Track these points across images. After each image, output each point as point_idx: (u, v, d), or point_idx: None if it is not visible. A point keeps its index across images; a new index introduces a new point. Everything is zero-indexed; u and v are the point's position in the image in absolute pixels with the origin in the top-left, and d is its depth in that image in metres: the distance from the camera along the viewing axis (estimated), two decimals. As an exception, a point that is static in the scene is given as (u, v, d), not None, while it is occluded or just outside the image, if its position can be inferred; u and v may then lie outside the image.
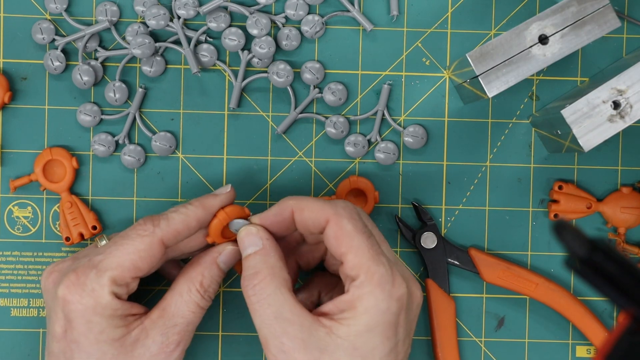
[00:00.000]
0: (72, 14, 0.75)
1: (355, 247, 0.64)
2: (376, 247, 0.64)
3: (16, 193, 0.75)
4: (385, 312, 0.63)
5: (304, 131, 0.76)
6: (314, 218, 0.65)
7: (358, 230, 0.64)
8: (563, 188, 0.76)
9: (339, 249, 0.64)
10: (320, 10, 0.76)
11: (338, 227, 0.64)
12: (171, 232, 0.66)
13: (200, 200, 0.68)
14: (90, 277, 0.65)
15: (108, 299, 0.65)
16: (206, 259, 0.68)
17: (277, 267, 0.65)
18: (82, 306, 0.64)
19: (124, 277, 0.65)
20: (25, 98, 0.75)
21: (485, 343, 0.77)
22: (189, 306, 0.67)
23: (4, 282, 0.76)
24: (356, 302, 0.63)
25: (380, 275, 0.63)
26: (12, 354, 0.75)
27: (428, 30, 0.76)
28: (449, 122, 0.77)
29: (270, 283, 0.64)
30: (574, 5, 0.68)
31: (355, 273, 0.63)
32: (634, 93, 0.66)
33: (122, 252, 0.65)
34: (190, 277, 0.67)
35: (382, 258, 0.64)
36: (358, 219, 0.65)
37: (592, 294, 0.77)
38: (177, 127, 0.76)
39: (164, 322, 0.66)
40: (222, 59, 0.76)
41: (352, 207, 0.66)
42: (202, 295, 0.67)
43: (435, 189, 0.77)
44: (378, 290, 0.63)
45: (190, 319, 0.67)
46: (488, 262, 0.76)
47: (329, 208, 0.65)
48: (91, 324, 0.64)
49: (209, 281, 0.68)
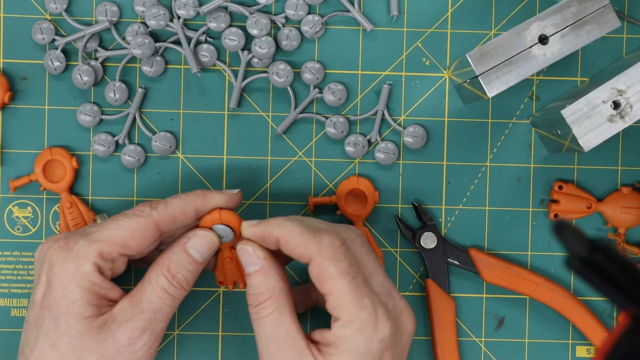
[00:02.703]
0: (72, 14, 0.75)
1: (337, 290, 0.64)
2: (360, 288, 0.64)
3: (16, 193, 0.75)
4: (366, 354, 0.63)
5: (304, 131, 0.76)
6: (298, 253, 0.65)
7: (341, 272, 0.64)
8: (563, 188, 0.76)
9: (321, 289, 0.65)
10: (320, 10, 0.76)
11: (320, 268, 0.64)
12: (167, 216, 0.66)
13: (204, 191, 0.68)
14: (78, 244, 0.65)
15: (89, 269, 0.64)
16: (174, 244, 0.67)
17: (277, 288, 0.66)
18: (63, 270, 0.64)
19: (112, 251, 0.65)
20: (25, 98, 0.75)
21: (485, 343, 0.77)
22: (156, 291, 0.66)
23: (4, 282, 0.76)
24: (338, 342, 0.64)
25: (362, 321, 0.63)
26: (12, 354, 0.75)
27: (428, 30, 0.76)
28: (449, 122, 0.77)
29: (270, 305, 0.65)
30: (574, 5, 0.68)
31: (337, 314, 0.64)
32: (634, 93, 0.66)
33: (115, 227, 0.66)
34: (158, 263, 0.67)
35: (365, 301, 0.64)
36: (343, 259, 0.64)
37: (592, 294, 0.77)
38: (177, 127, 0.76)
39: (132, 308, 0.65)
40: (222, 59, 0.76)
41: (337, 245, 0.65)
42: (169, 280, 0.66)
43: (435, 189, 0.77)
44: (359, 335, 0.63)
45: (157, 305, 0.65)
46: (488, 262, 0.76)
47: (313, 246, 0.64)
48: (66, 290, 0.64)
49: (176, 266, 0.66)
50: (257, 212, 0.76)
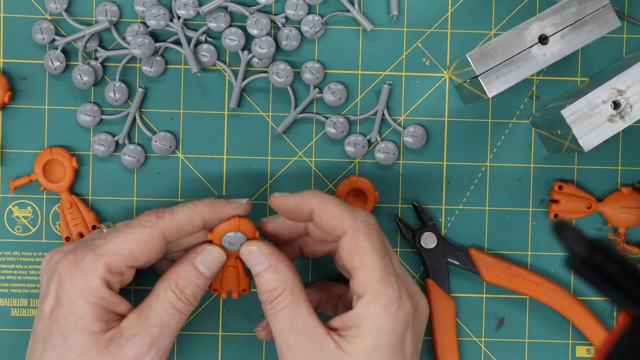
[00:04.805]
0: (72, 14, 0.75)
1: (368, 265, 0.64)
2: (388, 267, 0.64)
3: (16, 193, 0.75)
4: (390, 332, 0.63)
5: (304, 131, 0.76)
6: (333, 225, 0.65)
7: (374, 248, 0.64)
8: (563, 188, 0.76)
9: (350, 263, 0.64)
10: (320, 10, 0.76)
11: (354, 242, 0.64)
12: (174, 225, 0.66)
13: (212, 200, 0.68)
14: (86, 259, 0.65)
15: (97, 284, 0.64)
16: (183, 259, 0.67)
17: (289, 280, 0.65)
18: (72, 286, 0.64)
19: (120, 264, 0.65)
20: (25, 98, 0.75)
21: (485, 343, 0.77)
22: (164, 306, 0.66)
23: (4, 282, 0.76)
24: (361, 321, 0.64)
25: (387, 298, 0.63)
26: (12, 354, 0.75)
27: (428, 30, 0.76)
28: (449, 122, 0.77)
29: (285, 298, 0.65)
30: (574, 5, 0.68)
31: (363, 291, 0.64)
32: (634, 93, 0.66)
33: (121, 239, 0.65)
34: (166, 277, 0.67)
35: (391, 279, 0.64)
36: (376, 237, 0.65)
37: (592, 294, 0.77)
38: (177, 127, 0.76)
39: (140, 323, 0.65)
40: (222, 59, 0.76)
41: (373, 223, 0.65)
42: (177, 296, 0.66)
43: (435, 189, 0.77)
44: (383, 313, 0.63)
45: (165, 320, 0.65)
46: (488, 262, 0.76)
47: (349, 219, 0.65)
48: (74, 306, 0.64)
49: (185, 282, 0.66)
50: (257, 212, 0.76)
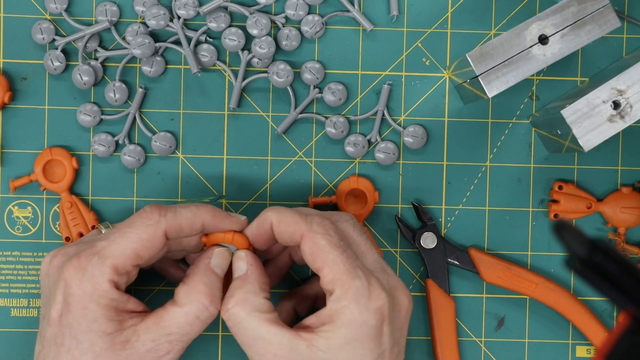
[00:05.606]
0: (72, 14, 0.75)
1: (330, 262, 0.65)
2: (352, 260, 0.65)
3: (16, 193, 0.75)
4: (363, 325, 0.64)
5: (304, 131, 0.76)
6: (290, 232, 0.66)
7: (333, 245, 0.65)
8: (563, 188, 0.76)
9: (314, 264, 0.65)
10: (320, 10, 0.76)
11: (313, 243, 0.65)
12: (175, 225, 0.66)
13: (214, 208, 0.68)
14: (92, 263, 0.65)
15: (106, 287, 0.64)
16: (200, 268, 0.67)
17: (251, 292, 0.66)
18: (81, 291, 0.64)
19: (126, 265, 0.65)
20: (25, 98, 0.75)
21: (485, 343, 0.77)
22: (188, 319, 0.66)
23: (4, 282, 0.76)
24: (334, 316, 0.64)
25: (356, 289, 0.64)
26: (12, 354, 0.75)
27: (428, 30, 0.76)
28: (449, 122, 0.77)
29: (242, 309, 0.65)
30: (574, 5, 0.68)
31: (331, 287, 0.65)
32: (634, 93, 0.66)
33: (125, 240, 0.65)
34: (192, 289, 0.66)
35: (357, 271, 0.64)
36: (333, 234, 0.66)
37: (592, 294, 0.77)
38: (177, 127, 0.76)
39: (158, 331, 0.65)
40: (222, 59, 0.76)
41: (327, 223, 0.66)
42: (206, 306, 0.66)
43: (435, 189, 0.77)
44: (353, 305, 0.64)
45: (186, 330, 0.66)
46: (488, 262, 0.76)
47: (303, 224, 0.66)
48: (86, 310, 0.64)
49: (211, 289, 0.66)
50: (257, 212, 0.76)
